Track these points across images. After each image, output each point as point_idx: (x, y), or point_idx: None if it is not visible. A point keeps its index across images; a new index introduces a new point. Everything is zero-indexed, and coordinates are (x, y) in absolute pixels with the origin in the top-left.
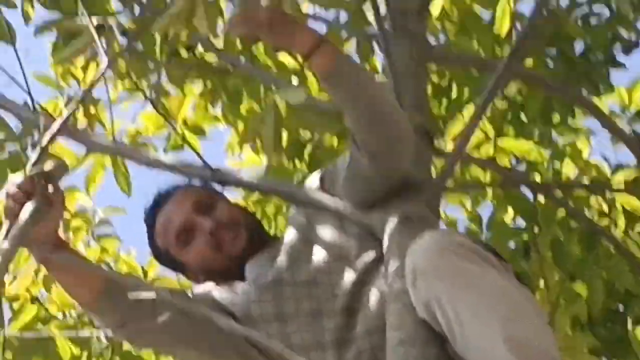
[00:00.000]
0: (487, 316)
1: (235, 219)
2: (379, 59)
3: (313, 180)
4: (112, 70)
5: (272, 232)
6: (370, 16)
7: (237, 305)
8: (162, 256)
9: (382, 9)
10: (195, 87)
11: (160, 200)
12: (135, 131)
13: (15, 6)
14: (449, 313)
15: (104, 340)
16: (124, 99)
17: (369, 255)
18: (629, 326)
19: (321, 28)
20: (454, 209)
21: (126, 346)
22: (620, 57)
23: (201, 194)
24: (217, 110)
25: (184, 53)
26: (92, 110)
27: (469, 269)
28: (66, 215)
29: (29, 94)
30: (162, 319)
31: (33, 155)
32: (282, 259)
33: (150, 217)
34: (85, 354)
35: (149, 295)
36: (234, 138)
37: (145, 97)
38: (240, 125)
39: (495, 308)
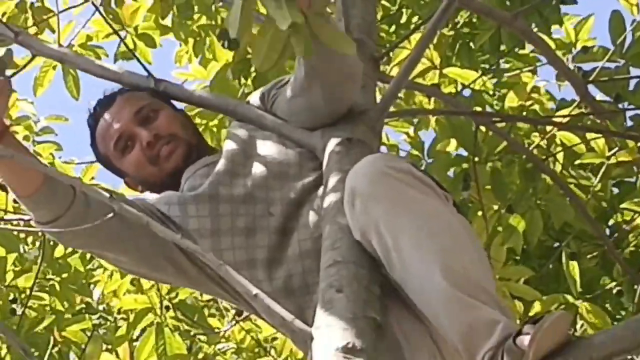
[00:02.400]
0: (426, 244)
1: (174, 132)
2: None
3: (254, 98)
4: None
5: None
6: None
7: (175, 218)
8: (102, 160)
9: None
10: None
11: (103, 104)
12: (85, 37)
13: None
14: (387, 239)
15: None
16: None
17: (309, 175)
18: (563, 260)
19: None
20: (395, 134)
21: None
22: None
23: (143, 102)
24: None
25: None
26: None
27: (410, 195)
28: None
29: None
30: (96, 219)
31: None
32: (220, 171)
33: (92, 120)
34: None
35: (87, 193)
36: (182, 49)
37: (96, 6)
38: (190, 41)
39: (435, 236)
